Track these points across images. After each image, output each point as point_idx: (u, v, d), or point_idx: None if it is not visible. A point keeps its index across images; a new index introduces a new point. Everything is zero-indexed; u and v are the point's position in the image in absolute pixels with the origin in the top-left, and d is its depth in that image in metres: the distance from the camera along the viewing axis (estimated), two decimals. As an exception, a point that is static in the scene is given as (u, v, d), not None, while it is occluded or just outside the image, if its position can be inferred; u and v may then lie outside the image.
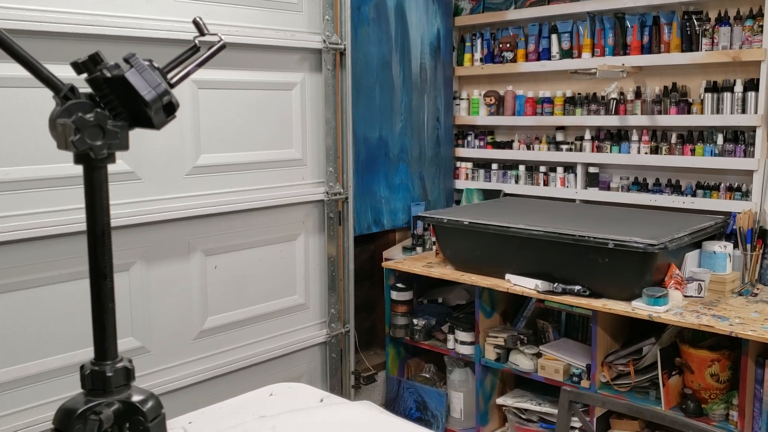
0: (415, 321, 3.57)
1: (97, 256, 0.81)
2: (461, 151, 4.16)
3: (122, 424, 0.83)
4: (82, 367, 0.84)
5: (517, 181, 3.93)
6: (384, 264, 3.62)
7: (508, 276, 3.09)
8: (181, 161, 2.80)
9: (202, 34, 0.86)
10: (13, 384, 2.41)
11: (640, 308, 2.67)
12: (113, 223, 2.48)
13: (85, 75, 0.75)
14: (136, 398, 0.86)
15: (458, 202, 4.17)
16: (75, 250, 2.50)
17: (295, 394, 1.99)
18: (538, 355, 3.16)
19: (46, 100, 0.82)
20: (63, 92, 0.73)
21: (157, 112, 0.73)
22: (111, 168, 2.54)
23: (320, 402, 1.92)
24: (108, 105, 0.73)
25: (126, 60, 0.75)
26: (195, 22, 0.87)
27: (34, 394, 2.46)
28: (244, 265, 3.08)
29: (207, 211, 2.90)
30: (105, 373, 0.83)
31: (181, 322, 2.88)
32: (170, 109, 0.74)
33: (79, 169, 2.26)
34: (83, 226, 2.38)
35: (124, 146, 0.76)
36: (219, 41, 0.87)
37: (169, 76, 0.77)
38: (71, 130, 0.70)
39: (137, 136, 0.78)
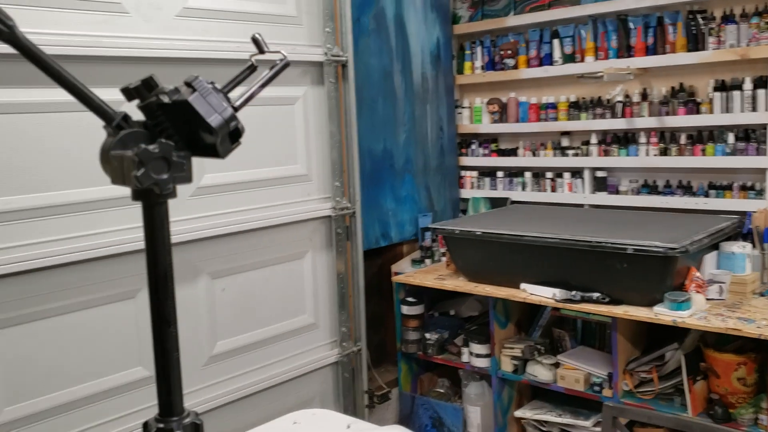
0: (427, 335, 3.50)
1: (160, 301, 0.73)
2: (465, 160, 4.10)
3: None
4: (145, 425, 0.75)
5: (523, 188, 3.87)
6: (394, 278, 3.55)
7: (523, 285, 3.03)
8: (185, 182, 2.72)
9: (261, 52, 0.79)
10: (22, 422, 2.33)
11: (663, 314, 2.61)
12: (117, 249, 2.42)
13: (136, 101, 0.67)
14: None
15: (464, 212, 4.11)
16: (82, 278, 2.43)
17: (319, 422, 1.92)
18: (556, 365, 3.09)
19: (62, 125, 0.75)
20: (116, 121, 0.65)
21: (224, 139, 0.66)
22: (110, 192, 2.46)
23: (347, 429, 1.85)
24: (163, 133, 0.66)
25: (188, 83, 0.67)
26: (254, 40, 0.80)
27: (45, 430, 2.37)
28: (251, 287, 3.00)
29: (212, 233, 2.82)
30: (173, 431, 0.74)
31: (190, 348, 2.79)
32: (236, 135, 0.67)
33: (88, 194, 2.17)
34: (89, 254, 2.33)
35: (188, 178, 0.68)
36: (283, 59, 0.80)
37: (231, 98, 0.69)
38: (133, 164, 0.62)
39: None
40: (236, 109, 0.68)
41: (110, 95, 0.69)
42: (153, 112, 0.66)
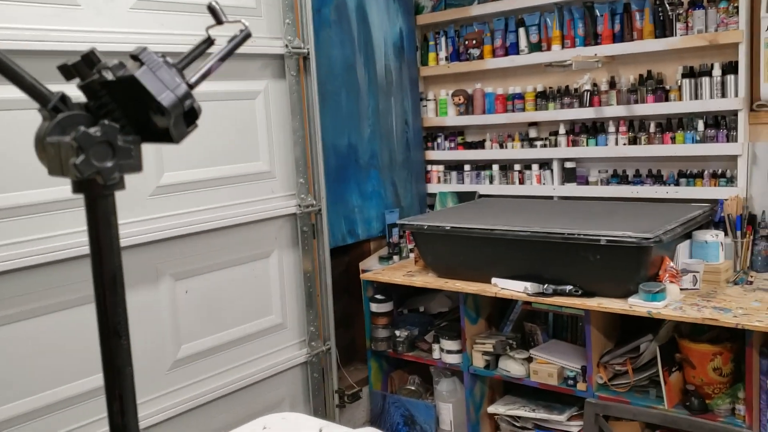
0: (397, 332, 3.42)
1: (108, 309, 0.61)
2: (432, 154, 4.03)
3: None
4: None
5: (491, 182, 3.81)
6: (362, 276, 3.46)
7: (494, 280, 2.96)
8: (143, 181, 2.60)
9: (219, 22, 0.69)
10: (6, 424, 2.25)
11: (638, 305, 2.57)
12: (74, 252, 2.29)
13: (76, 81, 0.56)
14: None
15: (432, 207, 4.03)
16: (42, 282, 2.33)
17: (290, 426, 1.82)
18: (529, 359, 3.04)
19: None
20: (52, 103, 0.55)
21: (177, 120, 0.56)
22: (69, 193, 2.37)
23: (320, 432, 1.76)
24: (108, 116, 0.55)
25: (134, 56, 0.57)
26: (211, 8, 0.69)
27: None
28: (216, 288, 2.89)
29: (174, 233, 2.70)
30: None
31: (153, 352, 2.68)
32: (192, 116, 0.57)
33: (46, 195, 2.04)
34: (48, 257, 2.20)
35: (137, 167, 0.57)
36: (243, 29, 0.70)
37: (186, 75, 0.59)
38: (72, 150, 0.52)
39: None
40: (191, 87, 0.58)
41: (59, 90, 0.59)
42: (95, 92, 0.55)
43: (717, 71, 3.02)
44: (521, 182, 3.70)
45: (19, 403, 2.29)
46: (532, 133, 3.66)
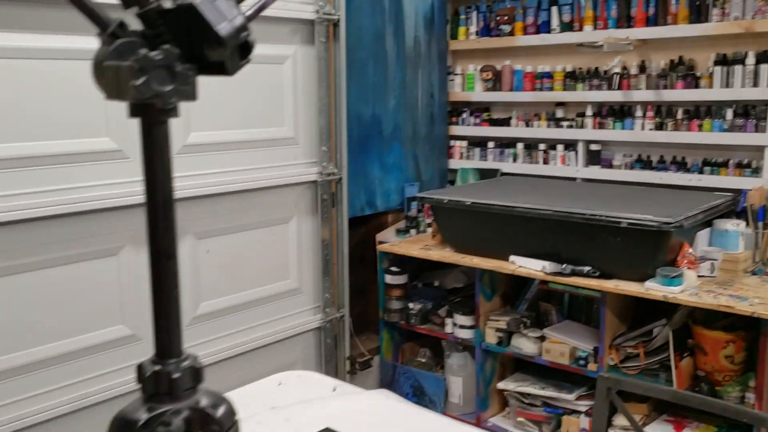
0: (410, 305, 3.45)
1: (159, 232, 0.64)
2: (456, 129, 4.02)
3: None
4: (140, 367, 0.67)
5: (515, 160, 3.81)
6: (379, 247, 3.49)
7: (512, 258, 2.98)
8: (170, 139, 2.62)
9: None
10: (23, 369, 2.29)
11: (654, 289, 2.57)
12: (100, 204, 2.33)
13: (134, 9, 0.58)
14: (205, 403, 0.69)
15: (452, 183, 4.04)
16: (63, 233, 2.36)
17: (305, 384, 1.86)
18: (542, 338, 3.06)
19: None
20: (111, 28, 0.56)
21: (233, 52, 0.58)
22: (96, 145, 2.38)
23: (333, 391, 1.80)
24: (162, 45, 0.57)
25: None
26: None
27: (21, 386, 2.30)
28: (236, 249, 2.93)
29: (198, 192, 2.74)
30: (170, 374, 0.66)
31: (172, 308, 2.72)
32: (246, 49, 0.59)
33: (71, 146, 2.08)
34: (70, 208, 2.24)
35: (192, 95, 0.59)
36: None
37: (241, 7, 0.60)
38: (133, 73, 0.54)
39: (123, 112, 0.62)
40: (249, 19, 0.59)
41: (90, 44, 0.61)
42: (153, 20, 0.57)
43: (751, 60, 2.98)
44: (545, 162, 3.69)
45: (41, 348, 2.34)
46: (559, 113, 3.65)
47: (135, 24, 0.60)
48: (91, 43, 0.62)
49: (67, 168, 2.34)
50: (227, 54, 0.58)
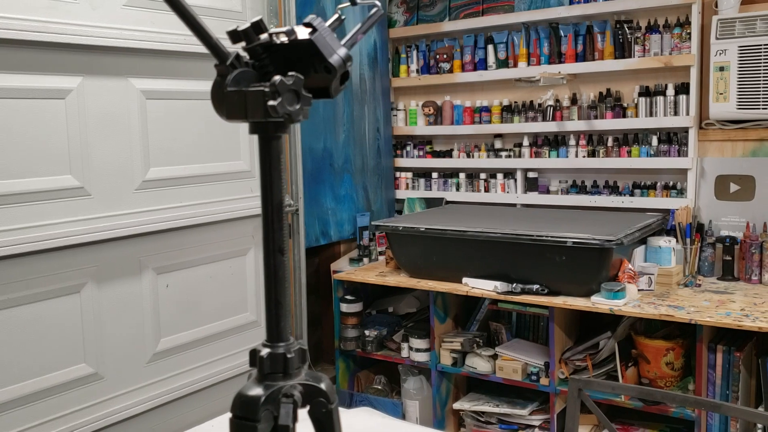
0: (366, 332, 3.54)
1: (274, 231, 0.76)
2: (401, 161, 4.19)
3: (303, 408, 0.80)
4: (254, 351, 0.79)
5: (458, 189, 3.99)
6: (335, 276, 3.58)
7: (465, 280, 3.13)
8: (130, 175, 2.67)
9: (353, 3, 0.84)
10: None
11: (600, 303, 2.77)
12: (63, 242, 2.35)
13: (241, 44, 0.70)
14: (311, 379, 0.82)
15: (399, 212, 4.19)
16: (26, 271, 2.36)
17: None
18: (495, 356, 3.20)
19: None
20: (230, 60, 0.69)
21: (338, 79, 0.70)
22: (59, 183, 2.40)
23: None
24: (267, 75, 0.69)
25: (306, 24, 0.72)
26: None
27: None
28: (195, 283, 2.97)
29: (157, 227, 2.77)
30: (285, 354, 0.78)
31: (134, 344, 2.73)
32: (345, 76, 0.71)
33: (34, 185, 2.12)
34: (33, 246, 2.25)
35: (307, 115, 0.73)
36: (376, 8, 0.84)
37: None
38: (269, 95, 0.66)
39: (86, 147, 0.75)
40: (349, 50, 0.72)
41: (54, 83, 0.72)
42: (258, 54, 0.69)
43: (670, 91, 3.27)
44: (486, 190, 3.89)
45: (3, 390, 2.32)
46: (498, 144, 3.86)
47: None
48: (51, 82, 0.73)
49: (29, 207, 2.34)
50: (335, 80, 0.70)
